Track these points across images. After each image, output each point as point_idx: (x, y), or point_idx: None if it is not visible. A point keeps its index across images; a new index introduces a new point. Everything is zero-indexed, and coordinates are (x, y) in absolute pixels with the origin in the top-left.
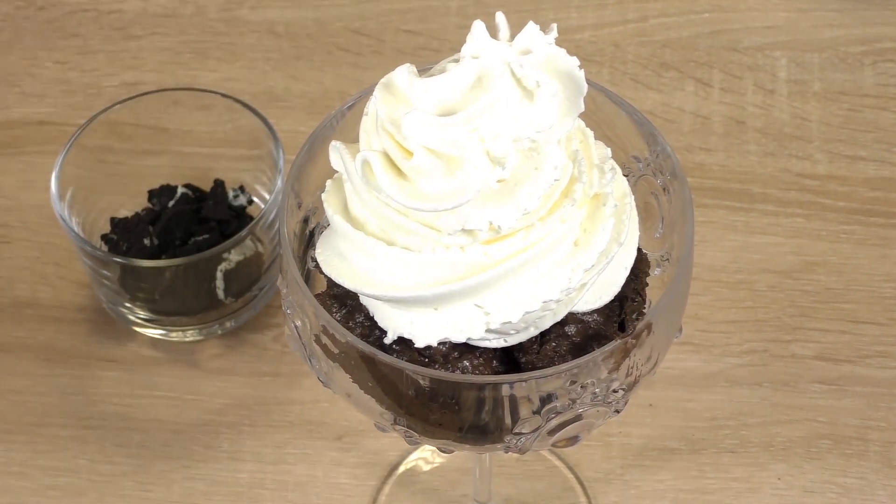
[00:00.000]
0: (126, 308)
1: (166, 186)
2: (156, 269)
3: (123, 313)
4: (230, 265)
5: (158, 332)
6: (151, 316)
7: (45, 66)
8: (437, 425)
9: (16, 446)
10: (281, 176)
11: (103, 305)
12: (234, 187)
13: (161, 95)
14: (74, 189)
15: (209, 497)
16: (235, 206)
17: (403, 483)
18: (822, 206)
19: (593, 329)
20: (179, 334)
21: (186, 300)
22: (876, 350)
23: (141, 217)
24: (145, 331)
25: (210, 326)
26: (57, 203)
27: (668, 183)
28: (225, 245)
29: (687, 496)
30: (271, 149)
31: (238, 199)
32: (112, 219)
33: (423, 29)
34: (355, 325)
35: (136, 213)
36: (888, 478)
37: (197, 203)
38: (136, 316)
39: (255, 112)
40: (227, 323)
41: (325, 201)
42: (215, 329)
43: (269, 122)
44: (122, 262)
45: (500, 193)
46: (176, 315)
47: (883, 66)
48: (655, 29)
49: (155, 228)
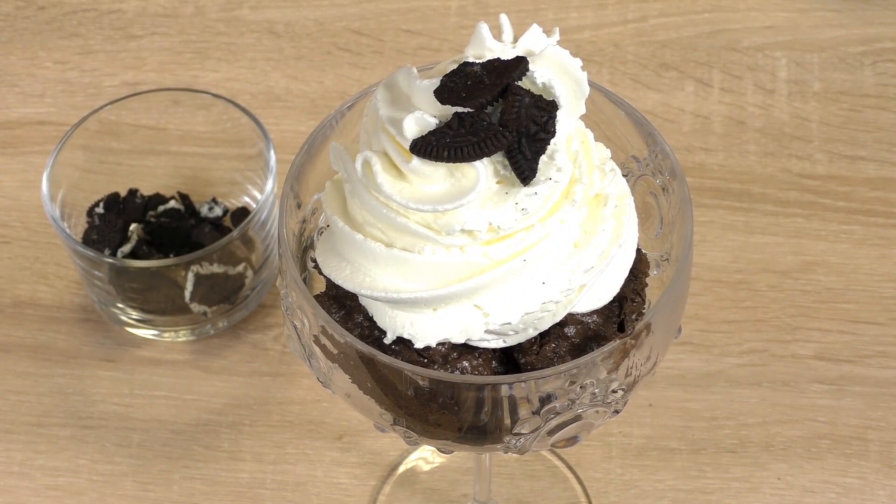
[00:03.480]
0: (118, 308)
1: (156, 196)
2: (145, 269)
3: (115, 314)
4: (204, 270)
5: (151, 333)
6: (143, 316)
7: (45, 66)
8: (436, 426)
9: (16, 446)
10: (272, 177)
11: (96, 306)
12: (208, 200)
13: (153, 95)
14: (67, 189)
15: (209, 497)
16: (211, 218)
17: (403, 483)
18: (822, 206)
19: (593, 330)
20: (172, 334)
21: (176, 301)
22: (876, 350)
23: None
24: (138, 331)
25: (202, 327)
26: (48, 204)
27: (668, 183)
28: (211, 248)
29: (687, 496)
30: (262, 149)
31: (213, 210)
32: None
33: (423, 29)
34: (354, 325)
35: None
36: (888, 478)
37: (179, 220)
38: (129, 316)
39: (246, 112)
40: (219, 323)
41: (325, 202)
42: (208, 329)
43: (261, 122)
44: (112, 263)
45: (500, 194)
46: (167, 315)
47: (883, 66)
48: (655, 29)
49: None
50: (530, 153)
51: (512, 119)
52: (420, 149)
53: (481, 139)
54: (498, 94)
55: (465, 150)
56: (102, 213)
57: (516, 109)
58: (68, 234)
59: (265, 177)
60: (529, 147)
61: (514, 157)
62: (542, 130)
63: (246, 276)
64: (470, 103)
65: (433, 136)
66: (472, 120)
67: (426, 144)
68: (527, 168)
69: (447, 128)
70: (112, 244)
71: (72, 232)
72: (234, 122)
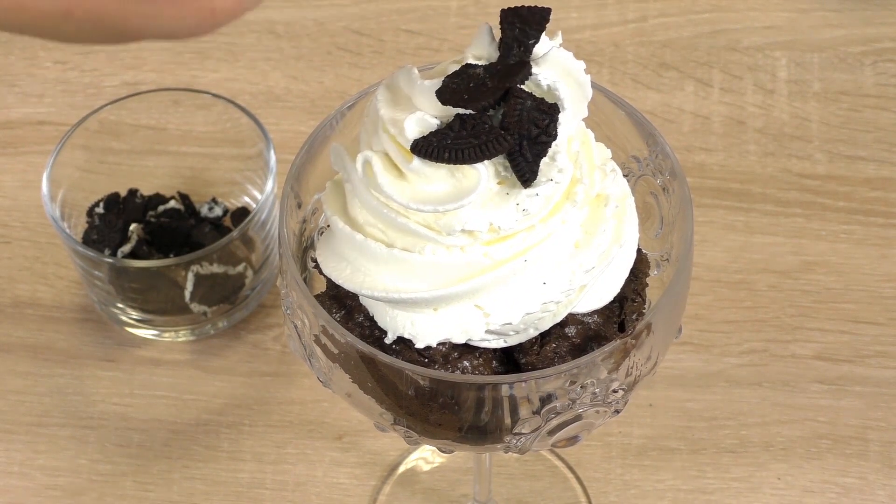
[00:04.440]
0: (118, 308)
1: (156, 196)
2: (145, 269)
3: (115, 314)
4: (204, 270)
5: (151, 333)
6: (143, 316)
7: (44, 66)
8: (436, 425)
9: (16, 446)
10: (272, 177)
11: (95, 306)
12: (208, 200)
13: (153, 95)
14: (67, 189)
15: (209, 497)
16: (211, 217)
17: (403, 483)
18: (822, 206)
19: (593, 330)
20: (172, 334)
21: (176, 301)
22: (876, 350)
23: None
24: (138, 331)
25: (202, 326)
26: (48, 204)
27: (668, 183)
28: (211, 248)
29: (687, 496)
30: (262, 149)
31: (213, 210)
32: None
33: (423, 29)
34: (355, 325)
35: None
36: (888, 478)
37: (179, 220)
38: (129, 316)
39: (246, 112)
40: (219, 323)
41: (325, 203)
42: (208, 329)
43: (261, 122)
44: (111, 263)
45: (501, 195)
46: (167, 315)
47: (883, 66)
48: (655, 29)
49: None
50: (531, 156)
51: (513, 122)
52: (421, 149)
53: (483, 142)
54: (500, 97)
55: (466, 152)
56: (102, 213)
57: (518, 112)
58: (68, 233)
59: (265, 177)
60: (531, 150)
61: (515, 159)
62: (544, 133)
63: (246, 276)
64: (472, 105)
65: (434, 138)
66: (473, 122)
67: (427, 145)
68: (528, 170)
69: (448, 129)
70: (112, 244)
71: (72, 232)
72: (234, 122)
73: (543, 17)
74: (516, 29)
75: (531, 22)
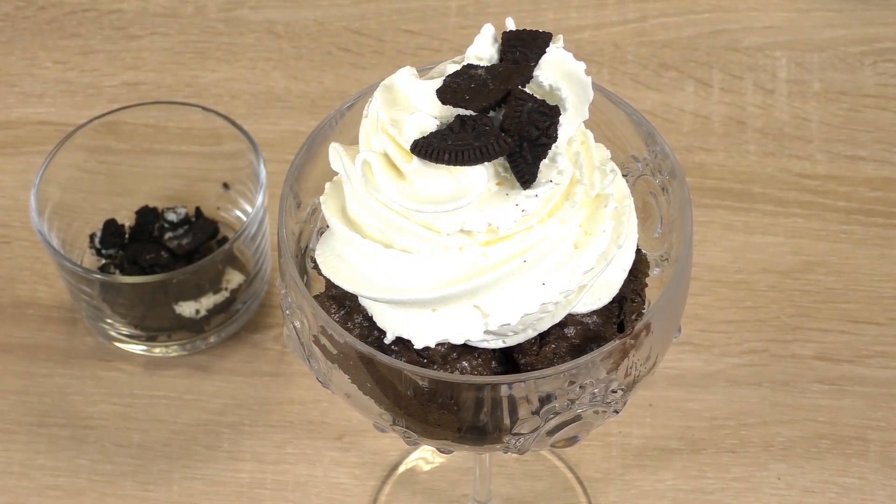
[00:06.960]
0: (107, 324)
1: (146, 208)
2: (135, 285)
3: (105, 329)
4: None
5: (140, 349)
6: (133, 332)
7: (45, 66)
8: (435, 426)
9: (16, 446)
10: (262, 191)
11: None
12: (193, 212)
13: (141, 109)
14: (55, 204)
15: (209, 497)
16: (176, 222)
17: (403, 483)
18: (822, 206)
19: (592, 330)
20: (163, 349)
21: (167, 317)
22: (876, 350)
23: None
24: (127, 346)
25: (193, 342)
26: (36, 218)
27: (667, 183)
28: (201, 264)
29: (687, 496)
30: (253, 162)
31: (178, 213)
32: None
33: (423, 29)
34: (354, 325)
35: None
36: (888, 478)
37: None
38: (119, 332)
39: (237, 127)
40: (210, 338)
41: (324, 203)
42: (199, 345)
43: (252, 137)
44: (100, 279)
45: (500, 195)
46: (158, 331)
47: (883, 66)
48: (655, 29)
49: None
50: (531, 158)
51: (514, 124)
52: (421, 150)
53: (483, 143)
54: (501, 98)
55: (466, 153)
56: (99, 247)
57: (518, 114)
58: (56, 248)
59: (255, 191)
60: (531, 152)
61: (515, 161)
62: (544, 135)
63: (237, 290)
64: (472, 106)
65: (435, 138)
66: (474, 123)
67: (428, 146)
68: (527, 172)
69: (449, 130)
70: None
71: (72, 239)
72: (225, 135)
73: (545, 41)
74: (517, 52)
75: (532, 46)
